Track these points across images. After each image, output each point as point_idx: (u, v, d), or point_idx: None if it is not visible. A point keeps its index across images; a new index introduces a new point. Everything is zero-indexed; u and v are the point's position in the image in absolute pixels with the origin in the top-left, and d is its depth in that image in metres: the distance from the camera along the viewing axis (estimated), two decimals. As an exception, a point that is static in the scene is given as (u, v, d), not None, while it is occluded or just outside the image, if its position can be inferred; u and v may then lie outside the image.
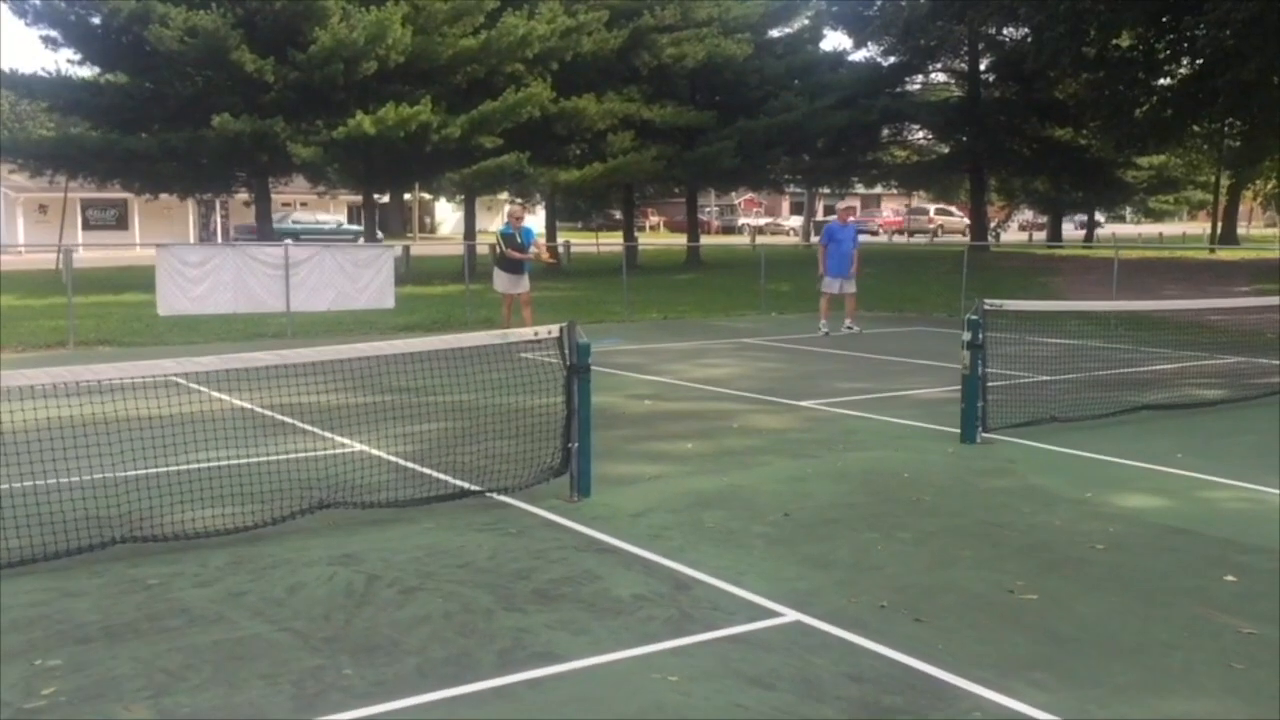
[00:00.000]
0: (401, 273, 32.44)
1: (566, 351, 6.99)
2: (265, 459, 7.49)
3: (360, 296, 17.09)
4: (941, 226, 64.52)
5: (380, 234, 41.08)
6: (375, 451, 8.23)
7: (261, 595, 5.20)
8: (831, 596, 5.19)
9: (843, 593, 5.24)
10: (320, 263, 16.70)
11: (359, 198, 33.84)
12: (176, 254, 16.31)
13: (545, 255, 16.01)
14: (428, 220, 73.87)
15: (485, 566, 5.62)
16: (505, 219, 16.24)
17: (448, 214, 73.05)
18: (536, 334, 7.16)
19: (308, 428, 8.96)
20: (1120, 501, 6.88)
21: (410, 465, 7.84)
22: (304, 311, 16.90)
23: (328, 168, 28.69)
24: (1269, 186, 53.74)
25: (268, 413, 9.45)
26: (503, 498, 6.90)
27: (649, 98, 33.18)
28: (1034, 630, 4.79)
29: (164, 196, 33.40)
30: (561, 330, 7.01)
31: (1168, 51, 32.50)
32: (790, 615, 4.94)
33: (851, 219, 18.87)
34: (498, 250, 15.90)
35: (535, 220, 39.64)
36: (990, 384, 8.72)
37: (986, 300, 8.58)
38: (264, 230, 28.91)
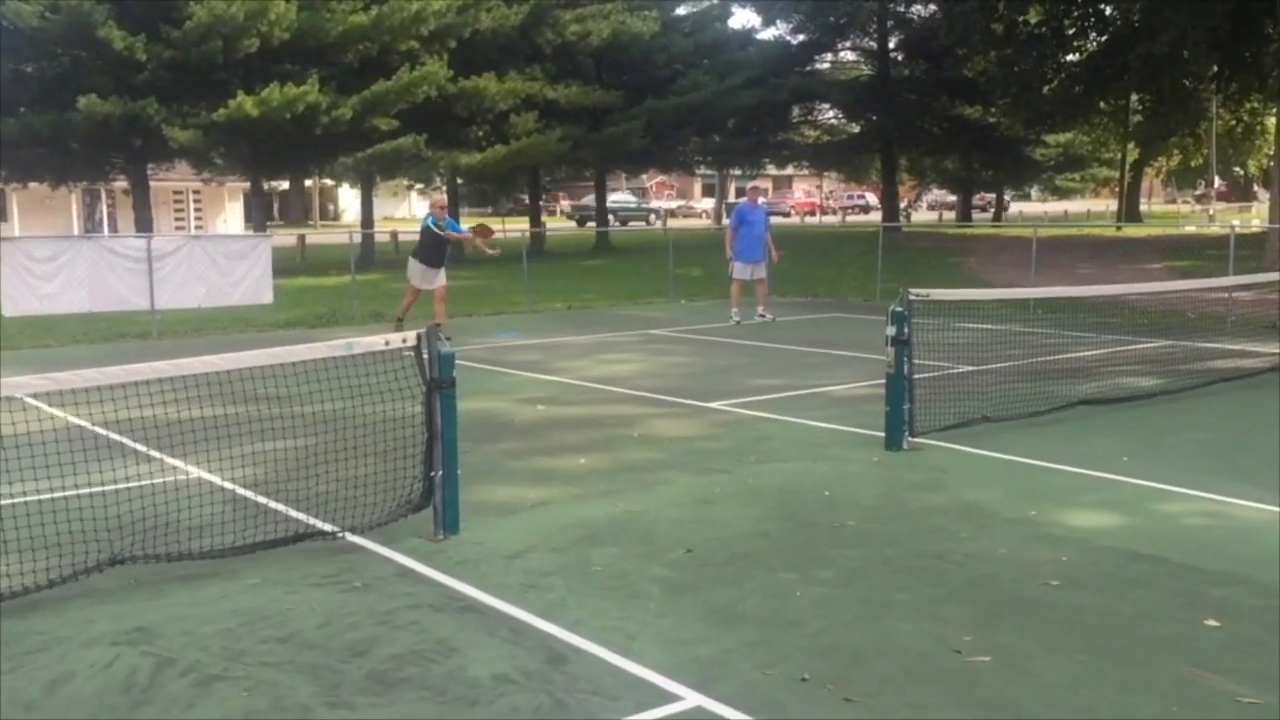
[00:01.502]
0: (296, 263, 30.92)
1: (426, 363, 5.87)
2: (75, 493, 6.24)
3: (234, 291, 15.71)
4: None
5: (277, 221, 39.31)
6: (213, 478, 7.03)
7: (11, 695, 4.02)
8: (741, 666, 4.20)
9: (755, 660, 4.25)
10: (189, 255, 15.28)
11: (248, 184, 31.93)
12: (23, 248, 14.76)
13: (483, 244, 14.73)
14: (331, 207, 71.63)
15: (313, 639, 4.51)
16: (428, 210, 14.94)
17: (352, 200, 70.72)
18: (388, 342, 6.01)
19: (142, 449, 7.71)
20: (1068, 519, 6.02)
21: (252, 496, 6.67)
22: (172, 309, 15.45)
23: (212, 152, 26.96)
24: (1171, 163, 54.43)
25: (101, 430, 8.15)
26: (354, 538, 5.79)
27: (553, 77, 31.97)
28: (992, 706, 3.85)
29: (40, 186, 31.28)
30: (419, 338, 5.90)
31: (1076, 27, 32.27)
32: (690, 698, 3.93)
33: (762, 200, 17.89)
34: (441, 234, 14.37)
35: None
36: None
37: (912, 290, 7.67)
38: (141, 220, 27.05)
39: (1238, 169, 75.15)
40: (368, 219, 31.86)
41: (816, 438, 8.16)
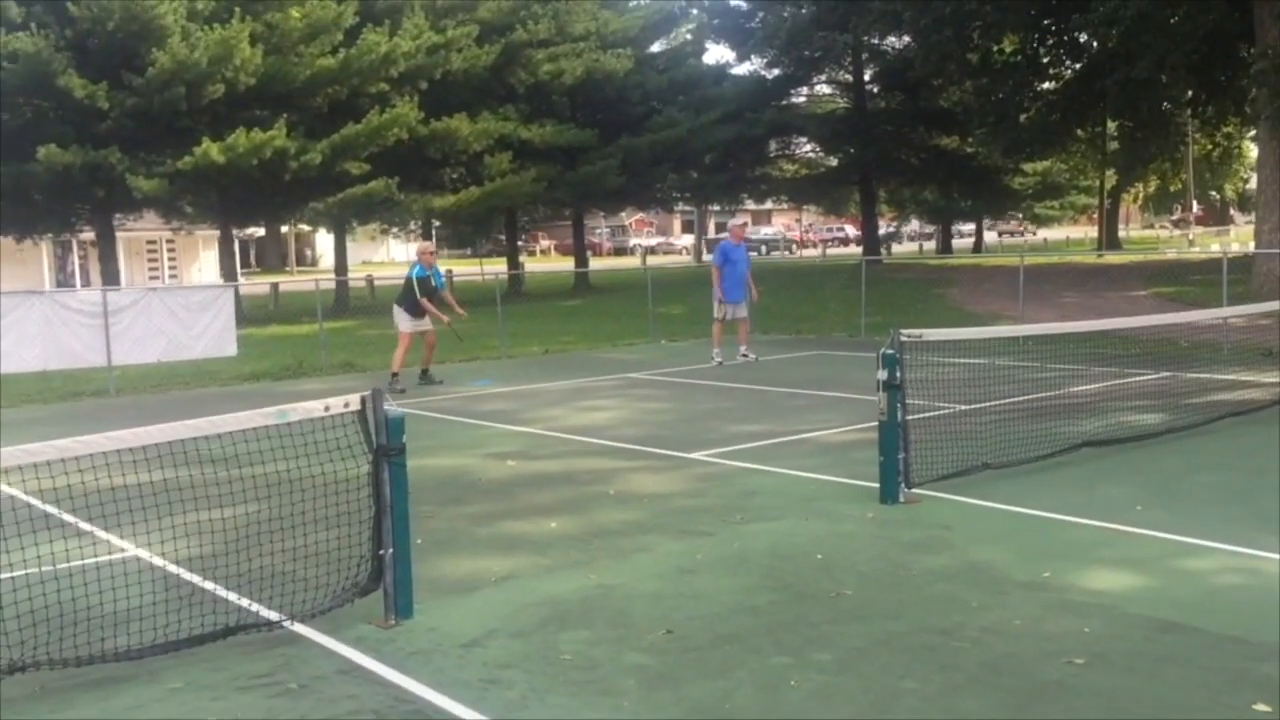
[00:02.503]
0: (269, 311, 30.34)
1: (372, 429, 5.30)
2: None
3: (195, 345, 15.10)
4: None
5: (254, 269, 38.69)
6: (146, 555, 6.41)
7: None
8: (730, 782, 3.61)
9: (746, 773, 3.67)
10: (146, 308, 14.68)
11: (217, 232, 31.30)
12: (-30, 305, 14.11)
13: (459, 310, 14.20)
14: (309, 252, 70.99)
15: (234, 761, 3.90)
16: (416, 259, 14.34)
17: (329, 246, 70.20)
18: (327, 407, 5.44)
19: (72, 520, 7.07)
20: (1087, 582, 5.46)
21: (186, 575, 6.06)
22: (130, 364, 14.82)
23: (178, 201, 26.41)
24: (1149, 188, 54.47)
25: (34, 502, 7.51)
26: (295, 626, 5.18)
27: (527, 117, 31.67)
28: (1023, 830, 3.27)
29: (7, 239, 30.56)
30: (364, 401, 5.33)
31: (1051, 55, 32.16)
32: (670, 828, 3.34)
33: (746, 234, 17.11)
34: (415, 292, 13.82)
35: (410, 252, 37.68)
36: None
37: (903, 330, 7.14)
38: (108, 272, 26.41)
39: (1213, 193, 75.57)
40: (341, 265, 31.31)
41: (806, 490, 7.59)
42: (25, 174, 23.52)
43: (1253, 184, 77.22)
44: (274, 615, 5.25)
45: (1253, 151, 62.88)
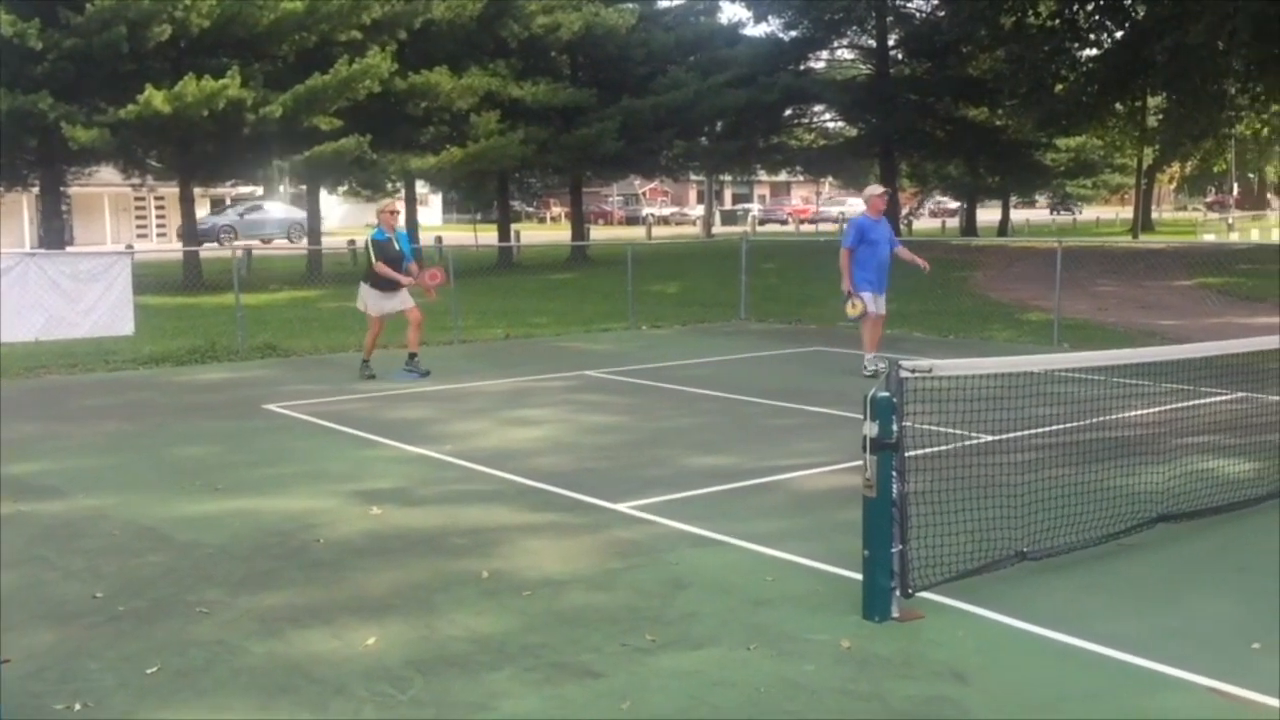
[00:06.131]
0: (244, 276, 28.08)
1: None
2: None
3: (83, 321, 12.90)
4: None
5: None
6: None
7: None
8: None
9: None
10: (22, 276, 12.45)
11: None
12: None
13: (429, 284, 11.89)
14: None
15: None
16: (377, 219, 12.11)
17: (332, 207, 67.85)
18: None
19: None
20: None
21: None
22: (4, 342, 12.59)
23: (128, 154, 24.14)
24: (1188, 169, 51.57)
25: None
26: None
27: (519, 74, 29.20)
28: None
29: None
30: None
31: (1092, 19, 29.47)
32: None
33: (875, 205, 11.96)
34: (370, 259, 11.71)
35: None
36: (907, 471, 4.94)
37: (902, 361, 4.79)
38: (52, 230, 24.18)
39: (1251, 175, 72.41)
40: (314, 228, 29.00)
41: (759, 585, 5.27)
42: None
43: (1293, 166, 74.13)
44: None
45: (1297, 133, 59.80)
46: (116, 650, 4.55)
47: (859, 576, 4.91)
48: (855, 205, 65.12)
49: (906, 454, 4.81)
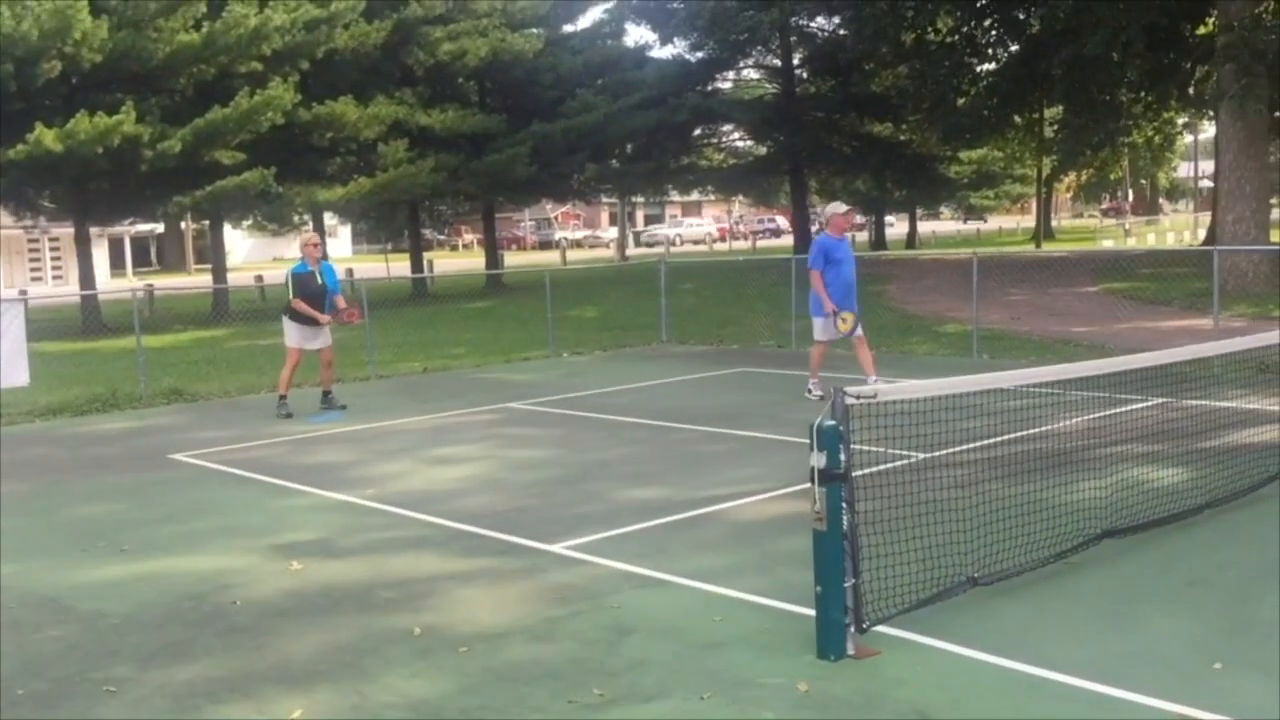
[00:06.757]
0: (146, 317, 27.15)
1: None
2: None
3: (-27, 373, 12.17)
4: None
5: (154, 267, 35.34)
6: None
7: None
8: None
9: None
10: (-97, 328, 11.71)
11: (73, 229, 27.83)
12: None
13: (355, 319, 11.57)
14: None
15: None
16: (300, 252, 11.79)
17: (238, 241, 66.33)
18: None
19: None
20: None
21: None
22: (-113, 400, 11.86)
23: (17, 196, 23.19)
24: (1084, 177, 53.05)
25: None
26: None
27: (427, 101, 28.84)
28: None
29: None
30: None
31: (990, 34, 30.10)
32: None
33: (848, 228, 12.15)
34: (290, 293, 11.41)
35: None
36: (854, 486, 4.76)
37: (848, 390, 4.62)
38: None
39: (1143, 181, 74.86)
40: (219, 264, 28.18)
41: (707, 628, 5.04)
42: None
43: (1181, 172, 76.92)
44: None
45: (1185, 139, 62.04)
46: (14, 742, 4.16)
47: (809, 611, 4.74)
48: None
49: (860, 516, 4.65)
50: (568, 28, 34.86)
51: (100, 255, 47.84)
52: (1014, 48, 31.87)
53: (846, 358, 12.48)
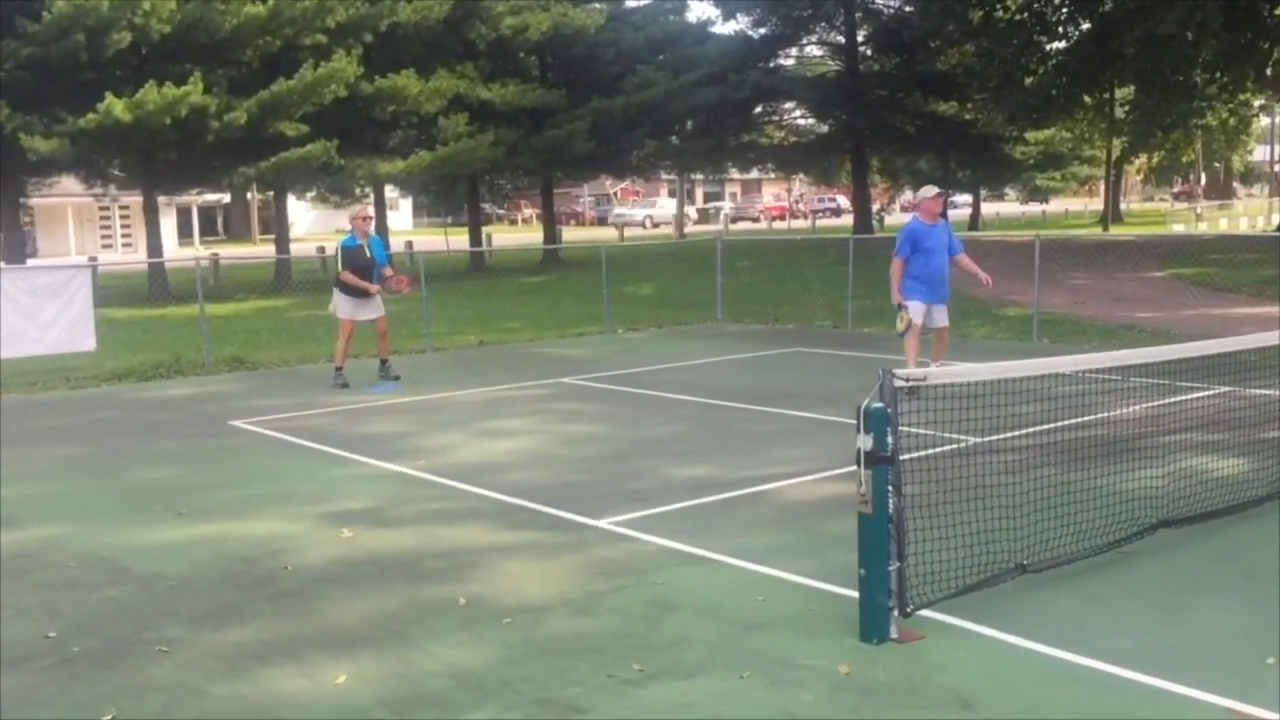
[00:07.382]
0: (210, 285, 27.64)
1: None
2: None
3: (43, 338, 12.48)
4: None
5: (221, 236, 35.93)
6: None
7: None
8: None
9: None
10: (-24, 294, 12.02)
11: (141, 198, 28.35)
12: None
13: (404, 288, 11.73)
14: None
15: None
16: (349, 225, 11.93)
17: (301, 213, 67.09)
18: None
19: None
20: None
21: None
22: (-41, 362, 12.21)
23: (87, 164, 23.67)
24: (1156, 159, 51.85)
25: None
26: None
27: (488, 75, 28.89)
28: None
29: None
30: None
31: (1060, 12, 29.45)
32: None
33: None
34: (339, 266, 11.64)
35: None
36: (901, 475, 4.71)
37: (895, 371, 4.57)
38: (11, 241, 23.67)
39: (1216, 165, 73.01)
40: (282, 235, 28.57)
41: (750, 605, 5.04)
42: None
43: (1256, 156, 74.83)
44: None
45: (1261, 122, 60.32)
46: (69, 696, 4.28)
47: (853, 594, 4.70)
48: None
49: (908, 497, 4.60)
50: (630, 3, 34.78)
51: (168, 224, 48.74)
52: (1085, 25, 31.21)
53: (923, 341, 12.26)
